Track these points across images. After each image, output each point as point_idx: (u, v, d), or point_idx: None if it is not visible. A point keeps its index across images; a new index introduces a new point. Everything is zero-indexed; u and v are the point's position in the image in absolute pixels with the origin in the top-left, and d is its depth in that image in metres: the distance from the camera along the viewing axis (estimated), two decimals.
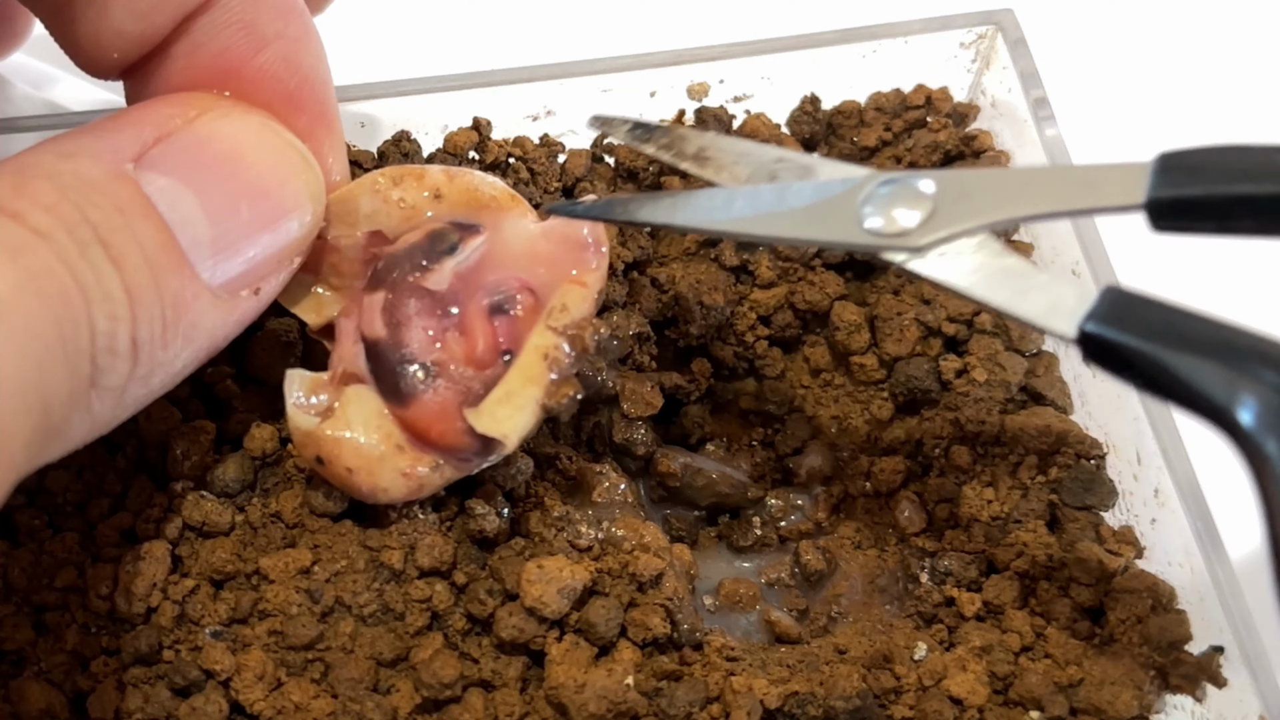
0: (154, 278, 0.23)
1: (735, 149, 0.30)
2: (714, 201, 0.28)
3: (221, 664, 0.29)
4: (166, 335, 0.24)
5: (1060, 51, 0.44)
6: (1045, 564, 0.32)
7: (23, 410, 0.20)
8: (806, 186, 0.27)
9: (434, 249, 0.29)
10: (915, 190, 0.26)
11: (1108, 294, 0.23)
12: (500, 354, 0.29)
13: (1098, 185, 0.24)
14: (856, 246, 0.26)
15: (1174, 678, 0.30)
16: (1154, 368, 0.22)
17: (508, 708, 0.30)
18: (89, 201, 0.22)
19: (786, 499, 0.37)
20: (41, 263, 0.21)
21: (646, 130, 0.31)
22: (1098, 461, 0.34)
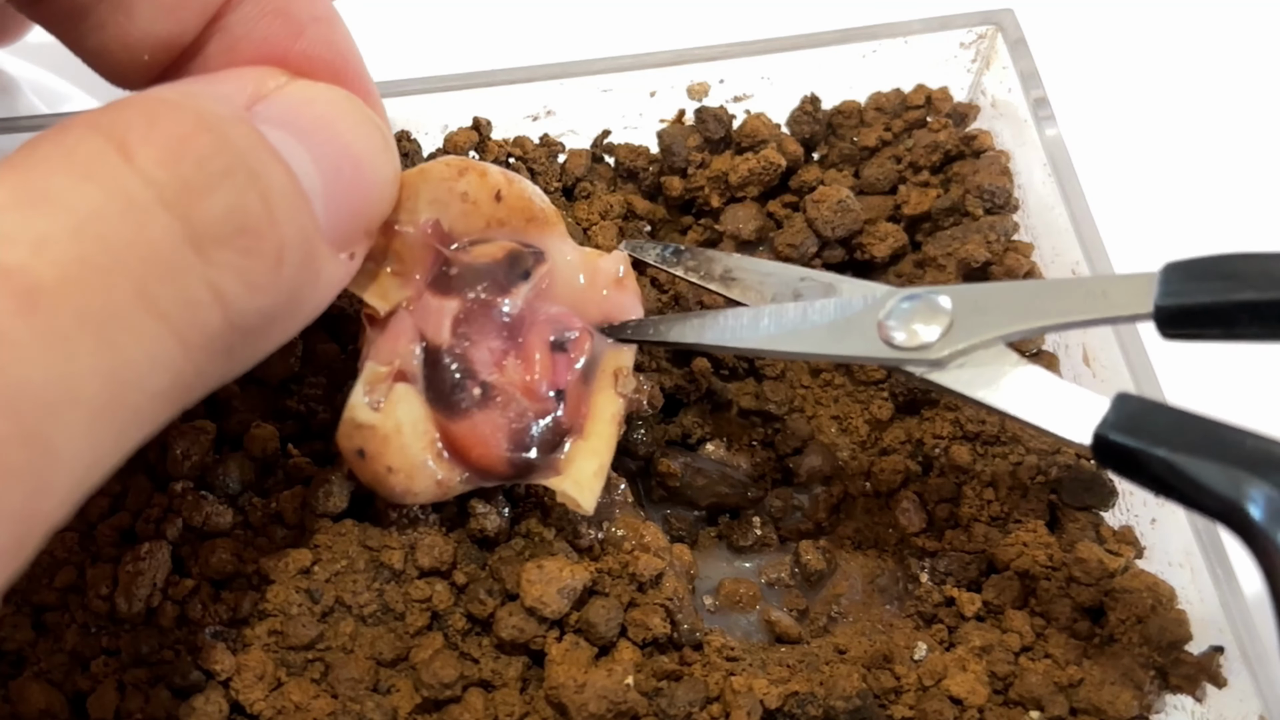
0: (296, 217, 0.23)
1: (760, 269, 0.32)
2: (741, 321, 0.30)
3: (221, 664, 0.29)
4: (303, 279, 0.23)
5: (1060, 51, 0.44)
6: (1045, 564, 0.32)
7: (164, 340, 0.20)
8: (829, 304, 0.29)
9: (513, 271, 0.30)
10: (934, 305, 0.27)
11: (1119, 402, 0.24)
12: (554, 388, 0.29)
13: (1108, 295, 0.26)
14: (880, 361, 0.28)
15: (1174, 678, 0.30)
16: (1165, 470, 0.23)
17: (508, 708, 0.30)
18: (232, 134, 0.22)
19: (786, 499, 0.37)
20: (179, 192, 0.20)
21: (676, 254, 0.33)
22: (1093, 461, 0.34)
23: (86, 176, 0.19)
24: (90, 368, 0.18)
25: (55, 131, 0.20)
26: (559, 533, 0.32)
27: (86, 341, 0.18)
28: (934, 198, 0.38)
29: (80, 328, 0.18)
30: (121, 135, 0.20)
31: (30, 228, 0.18)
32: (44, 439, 0.18)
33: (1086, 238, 0.35)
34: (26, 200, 0.19)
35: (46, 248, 0.18)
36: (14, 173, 0.19)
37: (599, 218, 0.38)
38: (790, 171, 0.39)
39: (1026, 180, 0.38)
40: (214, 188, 0.21)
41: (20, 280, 0.18)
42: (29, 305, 0.18)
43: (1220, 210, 0.47)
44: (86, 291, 0.18)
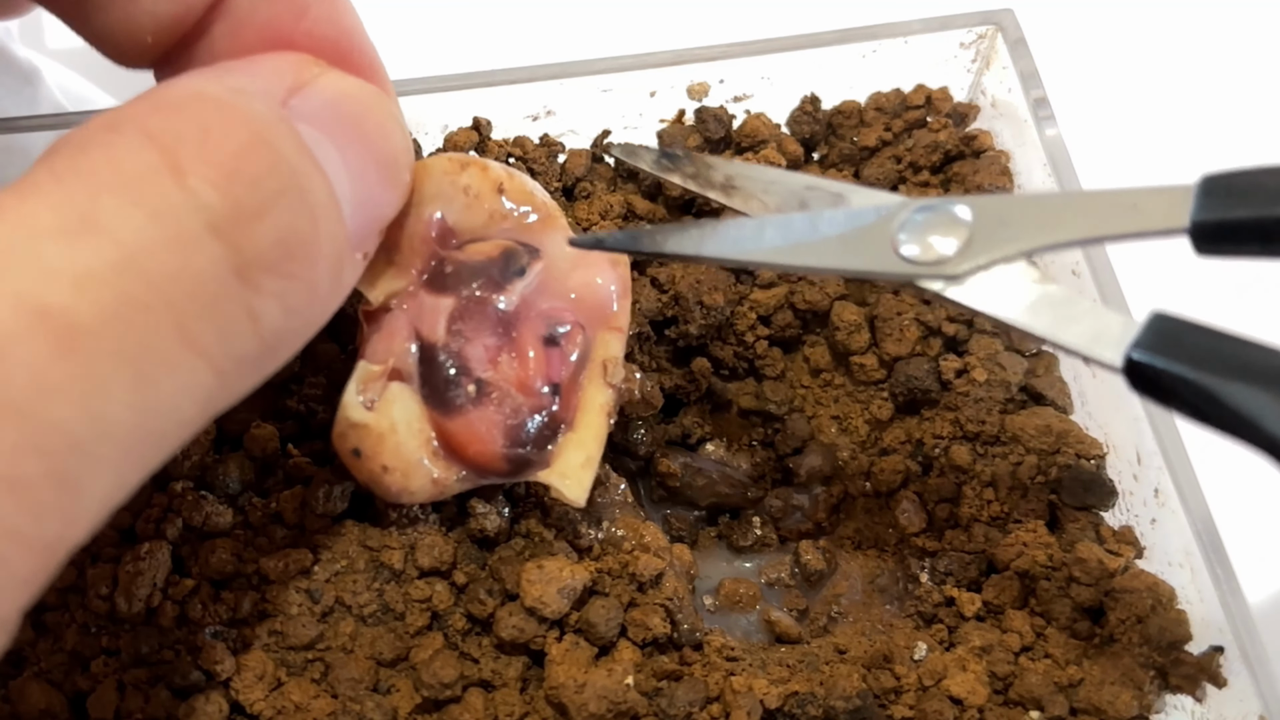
0: (334, 229, 0.23)
1: (764, 177, 0.29)
2: (744, 232, 0.27)
3: (221, 664, 0.29)
4: (334, 290, 0.23)
5: (1060, 51, 0.44)
6: (1045, 564, 0.32)
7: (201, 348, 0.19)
8: (839, 214, 0.27)
9: (508, 268, 0.29)
10: (952, 216, 0.25)
11: (1154, 321, 0.23)
12: (549, 383, 0.29)
13: (1140, 209, 0.24)
14: (893, 276, 0.26)
15: (1174, 678, 0.30)
16: (1203, 397, 0.21)
17: (508, 708, 0.30)
18: (284, 147, 0.21)
19: (786, 499, 0.37)
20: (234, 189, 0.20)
21: (671, 159, 0.31)
22: (1098, 461, 0.34)
23: (137, 200, 0.19)
24: (124, 405, 0.18)
25: (104, 131, 0.20)
26: (559, 533, 0.32)
27: (122, 381, 0.18)
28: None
29: (117, 368, 0.18)
30: (174, 148, 0.19)
31: (75, 261, 0.18)
32: (74, 477, 0.17)
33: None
34: (72, 226, 0.18)
35: (89, 286, 0.18)
36: (60, 187, 0.18)
37: (599, 218, 0.38)
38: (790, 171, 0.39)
39: (1026, 180, 0.38)
40: (267, 211, 0.20)
41: (60, 321, 0.17)
42: (67, 348, 0.17)
43: None
44: (126, 331, 0.18)
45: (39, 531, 0.17)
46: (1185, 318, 0.23)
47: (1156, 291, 0.34)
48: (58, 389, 0.17)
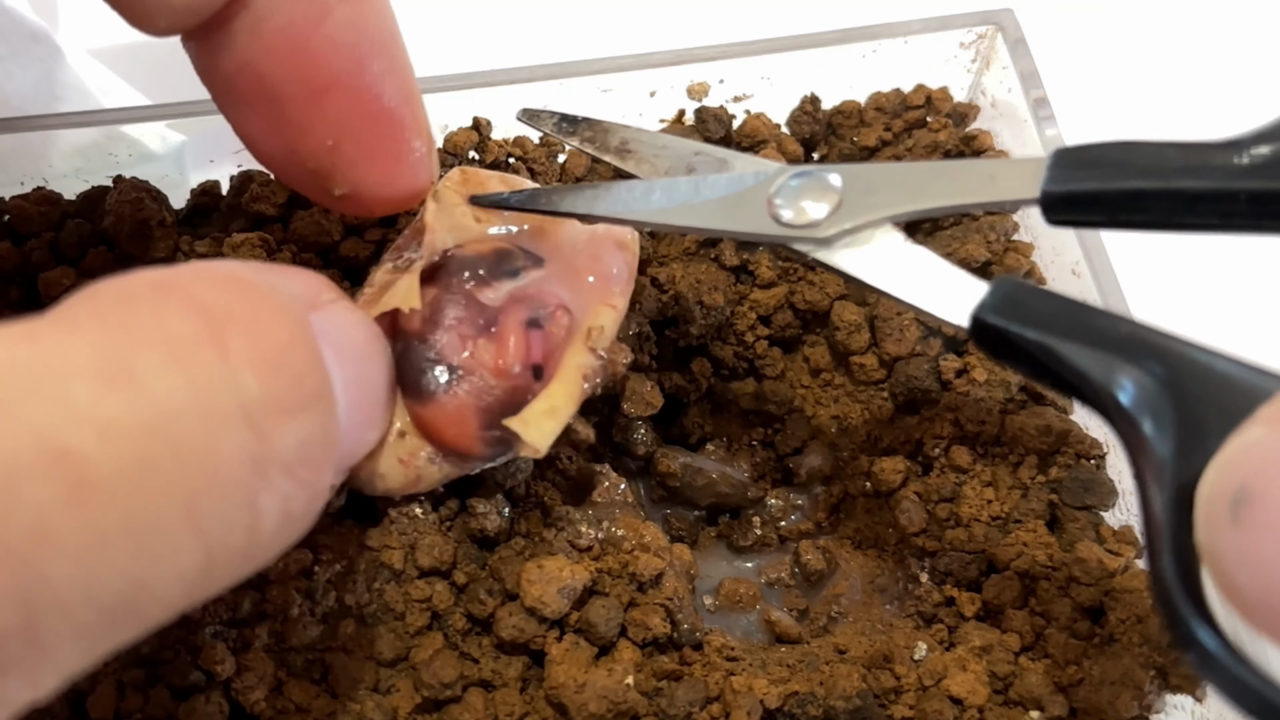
0: (332, 449, 0.22)
1: (656, 142, 0.31)
2: (633, 193, 0.29)
3: (221, 664, 0.29)
4: (310, 512, 0.22)
5: (1060, 51, 0.44)
6: (1045, 564, 0.32)
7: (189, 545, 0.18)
8: (721, 179, 0.28)
9: (499, 267, 0.30)
10: (824, 183, 0.27)
11: (999, 285, 0.24)
12: (528, 366, 0.29)
13: (996, 179, 0.26)
14: (766, 238, 0.27)
15: (1174, 678, 0.30)
16: (1041, 354, 0.23)
17: (508, 708, 0.30)
18: (312, 343, 0.21)
19: (786, 499, 0.37)
20: None
21: (571, 123, 0.32)
22: (1098, 461, 0.34)
23: (177, 364, 0.18)
24: (118, 573, 0.17)
25: (151, 289, 0.19)
26: (559, 533, 0.32)
27: (123, 547, 0.17)
28: None
29: (121, 533, 0.17)
30: (221, 323, 0.19)
31: (104, 408, 0.17)
32: (48, 640, 0.16)
33: (1086, 237, 0.35)
34: (109, 372, 0.17)
35: (113, 437, 0.17)
36: (101, 330, 0.18)
37: None
38: None
39: None
40: (299, 412, 0.20)
41: (77, 468, 0.16)
42: (79, 498, 0.16)
43: None
44: (138, 495, 0.17)
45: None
46: (1028, 283, 0.24)
47: (1156, 291, 0.34)
48: (60, 542, 0.16)
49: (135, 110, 0.42)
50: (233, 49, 0.26)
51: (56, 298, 0.34)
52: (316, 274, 0.26)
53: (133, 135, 0.41)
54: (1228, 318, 0.45)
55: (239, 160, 0.40)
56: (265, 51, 0.26)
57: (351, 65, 0.26)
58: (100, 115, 0.39)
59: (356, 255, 0.36)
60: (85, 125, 0.38)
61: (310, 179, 0.29)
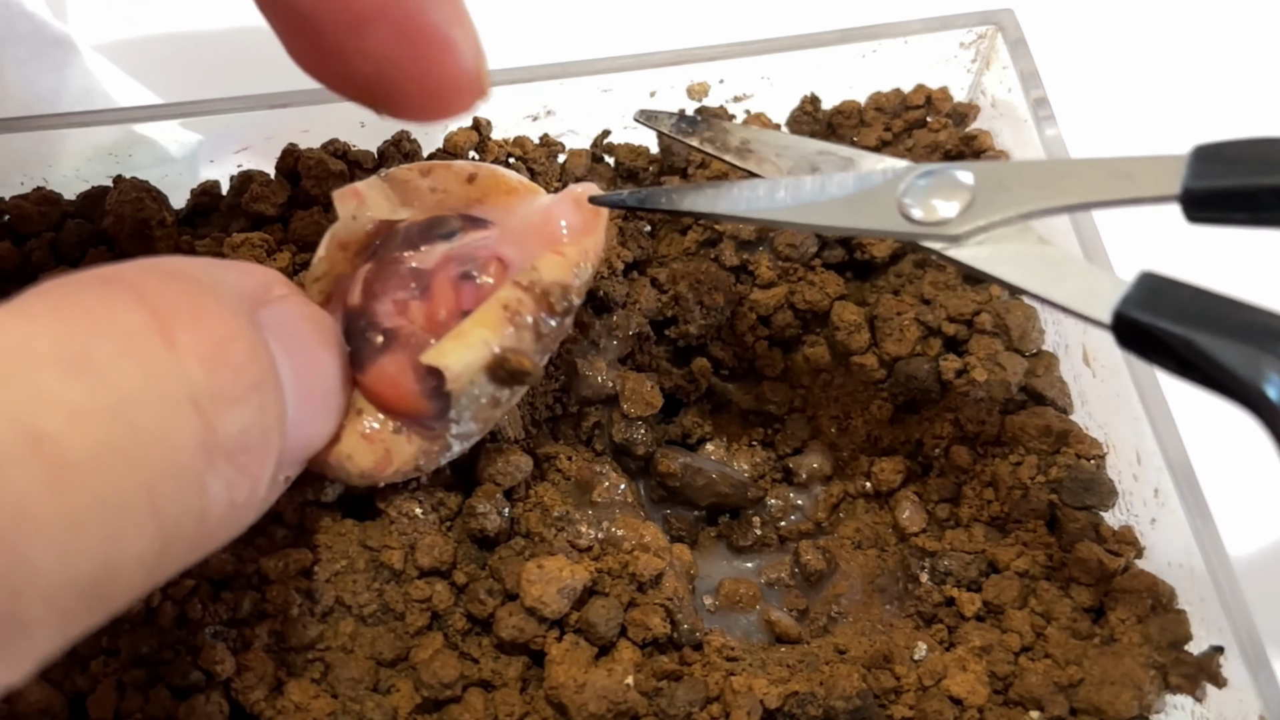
0: (280, 439, 0.23)
1: (778, 142, 0.31)
2: (757, 192, 0.29)
3: (221, 664, 0.29)
4: (266, 500, 0.23)
5: (1060, 51, 0.44)
6: (1045, 564, 0.32)
7: (142, 527, 0.19)
8: (848, 177, 0.28)
9: (431, 232, 0.30)
10: (955, 181, 0.27)
11: (1142, 279, 0.24)
12: (458, 315, 0.29)
13: (1134, 176, 0.25)
14: (897, 234, 0.27)
15: (1174, 678, 0.30)
16: (1186, 350, 0.22)
17: (508, 708, 0.30)
18: (261, 346, 0.22)
19: (786, 499, 0.37)
20: None
21: (690, 123, 0.32)
22: (1098, 461, 0.34)
23: (130, 353, 0.19)
24: (90, 556, 0.18)
25: (98, 283, 0.20)
26: (559, 533, 0.32)
27: (95, 530, 0.18)
28: None
29: (95, 514, 0.17)
30: (167, 318, 0.20)
31: (71, 394, 0.18)
32: (27, 623, 0.17)
33: (1086, 237, 0.35)
34: (71, 360, 0.18)
35: (83, 422, 0.17)
36: (57, 320, 0.18)
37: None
38: None
39: None
40: (238, 402, 0.21)
41: (53, 452, 0.17)
42: (57, 481, 0.17)
43: None
44: (109, 477, 0.18)
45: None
46: (1173, 276, 0.24)
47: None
48: (41, 524, 0.17)
49: (142, 110, 0.42)
50: None
51: None
52: (268, 269, 0.26)
53: (150, 137, 0.41)
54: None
55: (239, 160, 0.40)
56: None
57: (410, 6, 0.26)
58: (107, 115, 0.39)
59: None
60: (93, 125, 0.38)
61: (358, 98, 0.29)
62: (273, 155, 0.38)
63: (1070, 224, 0.35)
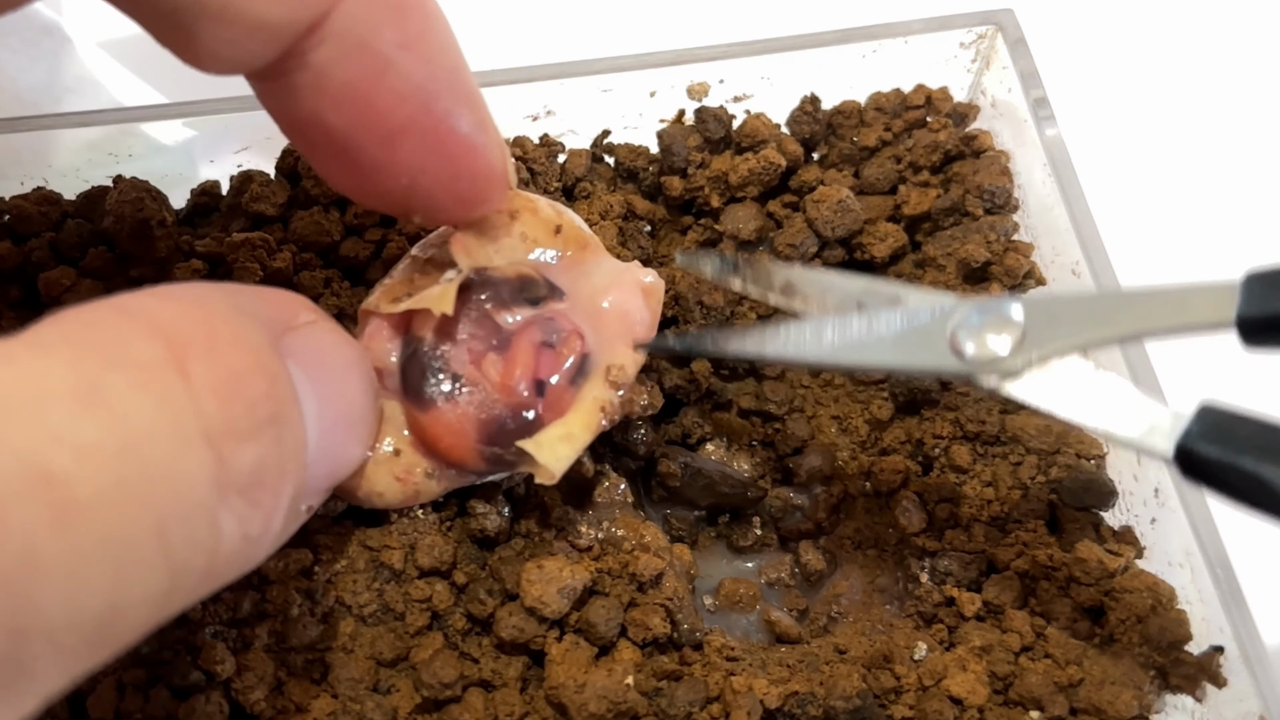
0: (298, 472, 0.22)
1: (822, 281, 0.30)
2: (804, 333, 0.29)
3: (222, 664, 0.29)
4: (283, 532, 0.23)
5: (1060, 51, 0.44)
6: (1045, 564, 0.32)
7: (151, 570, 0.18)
8: (895, 315, 0.28)
9: (520, 294, 0.30)
10: (1005, 316, 0.27)
11: (1203, 412, 0.24)
12: (533, 383, 0.29)
13: (1187, 305, 0.25)
14: (949, 373, 0.27)
15: (1174, 678, 0.30)
16: (1251, 482, 0.22)
17: (508, 708, 0.30)
18: (279, 380, 0.22)
19: (786, 499, 0.37)
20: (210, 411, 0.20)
21: (732, 266, 0.32)
22: (1098, 461, 0.34)
23: (142, 386, 0.18)
24: (96, 595, 0.17)
25: (113, 312, 0.19)
26: (559, 533, 0.32)
27: (102, 569, 0.17)
28: (934, 198, 0.38)
29: (101, 554, 0.17)
30: (182, 349, 0.19)
31: (80, 429, 0.17)
32: (31, 664, 0.16)
33: (1086, 238, 0.35)
34: (81, 393, 0.17)
35: (91, 460, 0.17)
36: (70, 351, 0.18)
37: (599, 218, 0.38)
38: (790, 171, 0.39)
39: (1026, 180, 0.38)
40: (254, 436, 0.20)
41: (61, 490, 0.16)
42: (63, 520, 0.16)
43: (1220, 209, 0.47)
44: (116, 516, 0.17)
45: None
46: (1232, 408, 0.24)
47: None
48: (46, 565, 0.16)
49: (142, 110, 0.42)
50: (298, 100, 0.26)
51: (57, 298, 0.34)
52: (295, 295, 0.26)
53: (143, 128, 0.41)
54: None
55: (239, 160, 0.40)
56: (330, 106, 0.26)
57: (419, 109, 0.26)
58: (107, 115, 0.39)
59: (356, 255, 0.36)
60: (92, 125, 0.38)
61: (389, 210, 0.29)
62: (273, 155, 0.38)
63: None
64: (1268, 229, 0.47)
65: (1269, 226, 0.47)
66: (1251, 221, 0.47)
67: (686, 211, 0.40)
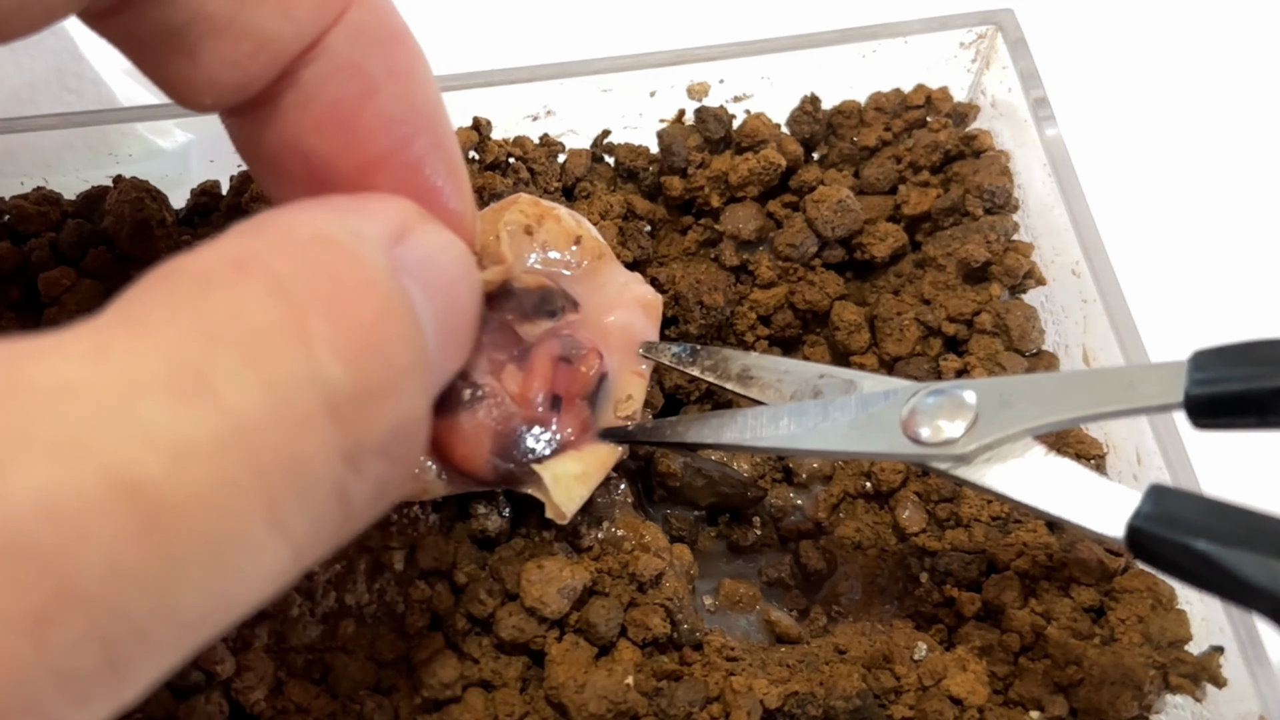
0: (427, 410, 0.21)
1: (778, 368, 0.31)
2: (760, 420, 0.29)
3: (222, 664, 0.29)
4: (403, 479, 0.20)
5: (1060, 51, 0.44)
6: (1045, 564, 0.32)
7: None
8: (850, 401, 0.28)
9: (541, 306, 0.30)
10: (958, 400, 0.27)
11: (1152, 492, 0.24)
12: (550, 397, 0.29)
13: (1135, 386, 0.25)
14: (904, 457, 0.27)
15: (1174, 678, 0.30)
16: (1202, 564, 0.22)
17: (508, 708, 0.30)
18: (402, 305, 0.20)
19: (786, 499, 0.37)
20: None
21: (691, 354, 0.32)
22: (1097, 461, 0.34)
23: (256, 365, 0.17)
24: (195, 590, 0.16)
25: (230, 269, 0.18)
26: (559, 533, 0.32)
27: (200, 565, 0.16)
28: (934, 198, 0.38)
29: (198, 552, 0.16)
30: (303, 306, 0.18)
31: (177, 429, 0.16)
32: (129, 663, 0.16)
33: (1086, 238, 0.35)
34: (182, 384, 0.16)
35: (188, 461, 0.16)
36: (175, 329, 0.17)
37: (599, 218, 0.38)
38: (790, 171, 0.39)
39: (1026, 180, 0.38)
40: (392, 393, 0.19)
41: (150, 500, 0.15)
42: (152, 529, 0.15)
43: (1220, 208, 0.47)
44: (214, 515, 0.16)
45: (81, 718, 0.15)
46: (1182, 490, 0.24)
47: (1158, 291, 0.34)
48: (133, 574, 0.15)
49: (141, 110, 0.42)
50: (279, 125, 0.25)
51: (57, 298, 0.34)
52: (400, 200, 0.24)
53: (140, 130, 0.41)
54: (1230, 317, 0.45)
55: (239, 160, 0.40)
56: (313, 128, 0.25)
57: (399, 142, 0.26)
58: (108, 115, 0.39)
59: None
60: (92, 124, 0.38)
61: None
62: None
63: (1077, 240, 0.35)
64: (1268, 229, 0.47)
65: (1269, 226, 0.47)
66: (1251, 221, 0.47)
67: (686, 211, 0.40)
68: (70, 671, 0.15)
